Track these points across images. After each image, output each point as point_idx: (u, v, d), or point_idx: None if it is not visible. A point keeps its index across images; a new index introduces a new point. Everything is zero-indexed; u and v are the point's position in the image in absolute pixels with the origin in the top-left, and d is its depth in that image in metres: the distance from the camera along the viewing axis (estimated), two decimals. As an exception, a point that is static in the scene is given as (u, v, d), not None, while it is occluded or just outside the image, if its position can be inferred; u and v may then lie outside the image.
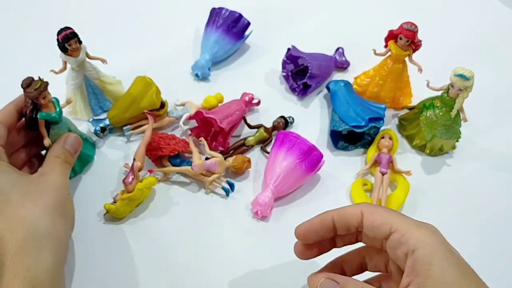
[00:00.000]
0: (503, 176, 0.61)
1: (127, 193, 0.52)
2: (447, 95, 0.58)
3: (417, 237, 0.33)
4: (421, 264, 0.32)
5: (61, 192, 0.45)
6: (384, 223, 0.34)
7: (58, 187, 0.45)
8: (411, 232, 0.33)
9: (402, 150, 0.63)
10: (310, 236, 0.39)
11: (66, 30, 0.55)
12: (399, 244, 0.33)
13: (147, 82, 0.62)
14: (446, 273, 0.31)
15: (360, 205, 0.37)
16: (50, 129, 0.52)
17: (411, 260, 0.32)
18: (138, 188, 0.52)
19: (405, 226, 0.34)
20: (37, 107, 0.50)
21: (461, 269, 0.32)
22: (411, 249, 0.32)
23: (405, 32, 0.59)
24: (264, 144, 0.62)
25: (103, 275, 0.50)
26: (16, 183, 0.43)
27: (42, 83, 0.49)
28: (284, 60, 0.71)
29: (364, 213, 0.36)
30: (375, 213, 0.35)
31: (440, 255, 0.32)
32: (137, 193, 0.52)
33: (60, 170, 0.47)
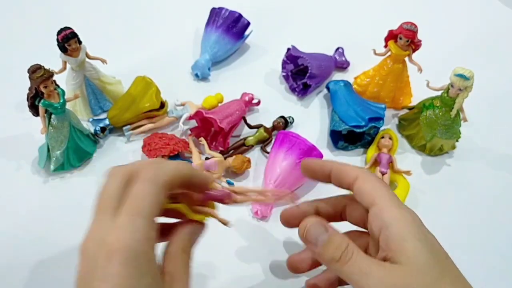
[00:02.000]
0: (503, 176, 0.61)
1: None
2: (447, 95, 0.58)
3: (393, 215, 0.33)
4: (394, 240, 0.32)
5: None
6: (370, 193, 0.35)
7: None
8: (389, 208, 0.33)
9: (402, 150, 0.63)
10: (308, 173, 0.40)
11: (65, 30, 0.55)
12: (375, 218, 0.34)
13: (147, 82, 0.62)
14: (418, 252, 0.31)
15: (358, 169, 0.37)
16: (50, 119, 0.54)
17: (385, 236, 0.33)
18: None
19: (386, 202, 0.34)
20: (39, 95, 0.52)
21: (434, 250, 0.32)
22: (386, 225, 0.33)
23: (405, 32, 0.59)
24: (264, 144, 0.62)
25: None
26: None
27: (45, 72, 0.50)
28: (284, 60, 0.71)
29: (358, 177, 0.36)
30: (368, 181, 0.36)
31: (414, 234, 0.32)
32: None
33: (188, 274, 0.32)
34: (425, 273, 0.31)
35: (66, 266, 0.50)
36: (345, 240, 0.33)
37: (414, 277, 0.30)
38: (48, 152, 0.56)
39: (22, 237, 0.53)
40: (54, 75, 0.52)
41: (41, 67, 0.51)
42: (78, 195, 0.57)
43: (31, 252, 0.51)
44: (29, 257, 0.51)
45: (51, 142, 0.56)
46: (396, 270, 0.31)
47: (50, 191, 0.57)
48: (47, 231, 0.53)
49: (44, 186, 0.57)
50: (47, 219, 0.54)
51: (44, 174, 0.58)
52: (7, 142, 0.62)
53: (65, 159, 0.57)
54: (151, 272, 0.27)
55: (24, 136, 0.62)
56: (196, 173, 0.33)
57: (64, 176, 0.59)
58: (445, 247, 0.53)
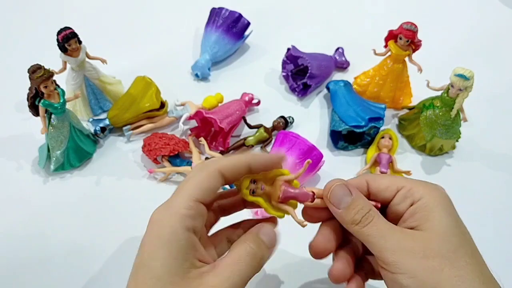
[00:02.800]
0: (503, 176, 0.61)
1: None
2: (447, 95, 0.58)
3: (423, 190, 0.34)
4: (422, 209, 0.33)
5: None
6: (390, 185, 0.35)
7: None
8: (418, 186, 0.34)
9: (402, 150, 0.63)
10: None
11: (65, 30, 0.55)
12: (404, 198, 0.34)
13: (147, 82, 0.62)
14: (443, 221, 0.32)
15: (364, 175, 0.38)
16: (51, 119, 0.54)
17: (413, 208, 0.33)
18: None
19: (412, 182, 0.35)
20: (39, 95, 0.52)
21: (458, 223, 0.33)
22: (417, 199, 0.33)
23: (405, 32, 0.59)
24: (264, 144, 0.62)
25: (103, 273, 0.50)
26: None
27: (45, 72, 0.50)
28: (284, 60, 0.71)
29: (368, 181, 0.36)
30: (379, 178, 0.36)
31: (443, 205, 0.33)
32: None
33: (246, 262, 0.32)
34: (446, 240, 0.31)
35: (66, 266, 0.51)
36: (368, 205, 0.34)
37: (435, 243, 0.31)
38: (48, 152, 0.56)
39: (22, 236, 0.53)
40: (54, 75, 0.52)
41: (41, 67, 0.51)
42: (78, 195, 0.57)
43: (31, 252, 0.51)
44: (29, 256, 0.51)
45: (51, 142, 0.56)
46: (416, 235, 0.32)
47: (50, 191, 0.57)
48: (47, 231, 0.53)
49: (44, 186, 0.57)
50: (47, 219, 0.54)
51: (44, 174, 0.58)
52: (7, 142, 0.62)
53: (65, 159, 0.57)
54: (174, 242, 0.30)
55: (24, 136, 0.62)
56: (256, 159, 0.34)
57: (64, 176, 0.59)
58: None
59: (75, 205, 0.56)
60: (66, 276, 0.50)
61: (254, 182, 0.34)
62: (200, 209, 0.31)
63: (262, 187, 0.34)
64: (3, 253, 0.51)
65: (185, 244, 0.30)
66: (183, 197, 0.31)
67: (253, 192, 0.34)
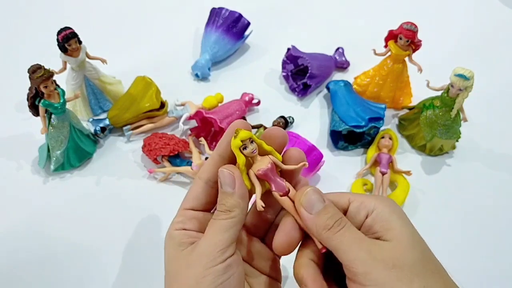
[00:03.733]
0: (503, 176, 0.61)
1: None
2: (447, 95, 0.58)
3: (374, 201, 0.34)
4: (380, 220, 0.32)
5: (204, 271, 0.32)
6: (342, 197, 0.35)
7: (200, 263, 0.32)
8: (368, 198, 0.34)
9: (402, 150, 0.63)
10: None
11: (66, 30, 0.55)
12: (358, 211, 0.34)
13: (147, 82, 0.62)
14: (404, 229, 0.32)
15: (346, 194, 0.37)
16: (51, 119, 0.54)
17: (371, 219, 0.33)
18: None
19: (361, 196, 0.35)
20: (39, 95, 0.52)
21: (414, 230, 0.33)
22: (371, 210, 0.33)
23: (405, 32, 0.59)
24: (264, 144, 0.62)
25: (103, 273, 0.50)
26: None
27: (46, 72, 0.51)
28: (284, 60, 0.71)
29: (351, 202, 0.36)
30: (331, 195, 0.36)
31: (397, 213, 0.33)
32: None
33: (214, 232, 0.33)
34: (412, 250, 0.31)
35: (66, 265, 0.51)
36: (339, 213, 0.34)
37: (402, 253, 0.31)
38: (48, 152, 0.56)
39: (22, 236, 0.53)
40: (54, 75, 0.52)
41: (41, 67, 0.51)
42: (78, 195, 0.57)
43: (31, 252, 0.51)
44: (29, 256, 0.51)
45: (51, 142, 0.56)
46: (385, 245, 0.31)
47: (50, 191, 0.57)
48: (47, 230, 0.53)
49: (44, 186, 0.57)
50: (47, 219, 0.54)
51: (44, 174, 0.58)
52: (7, 142, 0.62)
53: (65, 159, 0.57)
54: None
55: (24, 136, 0.62)
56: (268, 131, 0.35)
57: (64, 176, 0.59)
58: (445, 246, 0.53)
59: (75, 205, 0.56)
60: (66, 276, 0.50)
61: (251, 142, 0.33)
62: (188, 214, 0.35)
63: (254, 151, 0.34)
64: (3, 253, 0.51)
65: (178, 240, 0.34)
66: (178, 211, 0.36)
67: (244, 148, 0.33)
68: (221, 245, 0.32)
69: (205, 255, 0.32)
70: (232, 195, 0.34)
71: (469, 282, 0.50)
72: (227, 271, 0.32)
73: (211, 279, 0.31)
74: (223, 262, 0.32)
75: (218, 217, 0.34)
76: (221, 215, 0.33)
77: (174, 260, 0.34)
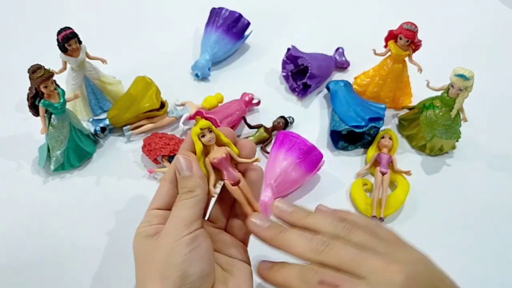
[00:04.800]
0: (503, 176, 0.61)
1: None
2: (447, 95, 0.58)
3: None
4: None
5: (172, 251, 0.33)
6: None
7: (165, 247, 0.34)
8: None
9: (402, 150, 0.63)
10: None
11: (66, 30, 0.55)
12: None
13: (147, 82, 0.62)
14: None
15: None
16: (51, 119, 0.54)
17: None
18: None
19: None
20: (39, 95, 0.52)
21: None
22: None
23: (405, 32, 0.59)
24: (264, 144, 0.62)
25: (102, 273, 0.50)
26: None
27: (45, 72, 0.50)
28: (284, 60, 0.71)
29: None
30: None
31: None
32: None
33: (178, 210, 0.35)
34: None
35: (66, 265, 0.51)
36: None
37: None
38: (48, 152, 0.56)
39: (22, 236, 0.53)
40: (54, 75, 0.52)
41: (41, 67, 0.51)
42: (78, 195, 0.57)
43: (31, 252, 0.51)
44: (30, 256, 0.51)
45: (51, 142, 0.56)
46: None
47: (50, 191, 0.57)
48: (47, 230, 0.53)
49: (44, 186, 0.57)
50: (47, 219, 0.54)
51: (44, 174, 0.58)
52: (7, 142, 0.62)
53: (65, 159, 0.57)
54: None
55: (24, 136, 0.62)
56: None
57: (64, 176, 0.59)
58: (444, 246, 0.53)
59: (75, 205, 0.56)
60: (66, 276, 0.50)
61: (210, 132, 0.37)
62: (154, 213, 0.37)
63: (212, 139, 0.37)
64: (3, 253, 0.51)
65: (145, 233, 0.36)
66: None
67: (202, 136, 0.36)
68: (186, 219, 0.34)
69: (172, 230, 0.34)
70: (191, 177, 0.36)
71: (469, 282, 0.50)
72: (194, 241, 0.33)
73: (179, 249, 0.33)
74: (190, 233, 0.34)
75: (180, 198, 0.35)
76: (183, 196, 0.35)
77: (141, 250, 0.35)
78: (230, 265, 0.38)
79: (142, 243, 0.35)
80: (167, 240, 0.34)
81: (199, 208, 0.35)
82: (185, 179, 0.36)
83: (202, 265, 0.33)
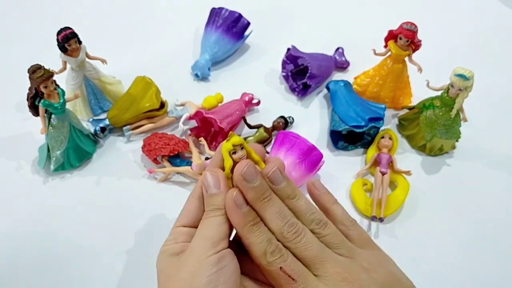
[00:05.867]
0: (503, 176, 0.61)
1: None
2: (447, 95, 0.58)
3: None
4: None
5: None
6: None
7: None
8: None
9: (402, 150, 0.63)
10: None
11: (66, 30, 0.55)
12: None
13: (147, 82, 0.62)
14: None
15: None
16: (51, 119, 0.54)
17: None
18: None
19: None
20: (39, 95, 0.52)
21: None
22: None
23: (405, 32, 0.59)
24: (264, 144, 0.62)
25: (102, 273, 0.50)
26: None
27: (45, 72, 0.50)
28: (284, 60, 0.71)
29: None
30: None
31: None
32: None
33: (205, 227, 0.34)
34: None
35: (66, 265, 0.51)
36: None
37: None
38: (48, 152, 0.57)
39: (22, 236, 0.53)
40: (54, 75, 0.52)
41: (41, 67, 0.51)
42: (78, 195, 0.57)
43: (31, 252, 0.51)
44: (29, 256, 0.51)
45: (51, 142, 0.56)
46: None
47: (50, 191, 0.57)
48: (47, 230, 0.53)
49: (44, 186, 0.57)
50: (47, 219, 0.54)
51: (44, 174, 0.58)
52: (7, 142, 0.62)
53: (65, 159, 0.57)
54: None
55: (24, 136, 0.62)
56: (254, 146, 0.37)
57: (64, 176, 0.59)
58: (444, 246, 0.53)
59: (75, 205, 0.56)
60: (66, 276, 0.50)
61: (242, 149, 0.35)
62: (179, 231, 0.35)
63: (243, 157, 0.35)
64: (3, 253, 0.51)
65: (170, 252, 0.34)
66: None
67: (233, 153, 0.35)
68: (213, 238, 0.32)
69: (197, 248, 0.32)
70: (219, 194, 0.34)
71: (469, 282, 0.51)
72: (220, 261, 0.32)
73: (205, 269, 0.31)
74: (217, 253, 0.32)
75: (208, 216, 0.34)
76: (210, 213, 0.34)
77: (165, 269, 0.33)
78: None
79: (167, 262, 0.34)
80: (191, 258, 0.32)
81: (226, 227, 0.33)
82: (212, 196, 0.34)
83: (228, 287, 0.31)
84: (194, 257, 0.32)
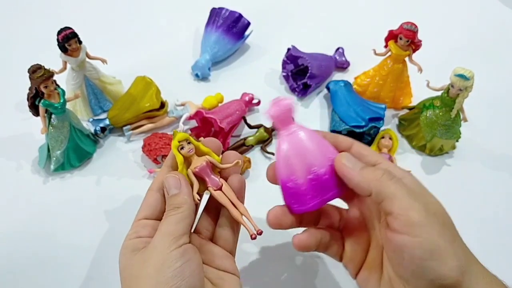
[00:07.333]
0: (503, 176, 0.61)
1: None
2: (447, 95, 0.58)
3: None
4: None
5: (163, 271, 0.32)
6: (371, 154, 0.38)
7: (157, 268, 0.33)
8: (395, 169, 0.38)
9: (402, 150, 0.63)
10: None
11: (66, 30, 0.55)
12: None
13: (147, 82, 0.62)
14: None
15: (351, 138, 0.40)
16: (51, 119, 0.54)
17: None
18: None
19: (388, 163, 0.38)
20: (39, 95, 0.52)
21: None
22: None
23: (405, 32, 0.59)
24: (264, 144, 0.62)
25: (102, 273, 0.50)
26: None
27: (46, 72, 0.50)
28: (284, 60, 0.71)
29: (353, 143, 0.39)
30: (363, 147, 0.39)
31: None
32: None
33: (166, 225, 0.35)
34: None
35: (66, 265, 0.51)
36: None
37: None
38: (48, 152, 0.56)
39: (22, 236, 0.53)
40: (54, 75, 0.52)
41: (41, 67, 0.51)
42: (78, 195, 0.57)
43: (31, 252, 0.51)
44: (29, 256, 0.51)
45: (51, 142, 0.56)
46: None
47: (50, 191, 0.57)
48: (47, 231, 0.53)
49: (44, 186, 0.57)
50: (47, 219, 0.54)
51: (44, 174, 0.58)
52: (7, 142, 0.62)
53: (65, 159, 0.57)
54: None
55: (24, 136, 0.62)
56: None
57: (64, 176, 0.59)
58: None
59: (75, 205, 0.56)
60: (66, 276, 0.50)
61: (188, 143, 0.38)
62: (141, 223, 0.37)
63: (191, 150, 0.38)
64: (3, 253, 0.51)
65: (132, 247, 0.35)
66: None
67: (181, 148, 0.38)
68: (174, 233, 0.34)
69: (160, 244, 0.33)
70: (178, 195, 0.36)
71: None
72: (184, 255, 0.33)
73: (170, 263, 0.32)
74: (179, 247, 0.33)
75: (168, 214, 0.35)
76: (170, 212, 0.36)
77: (129, 265, 0.34)
78: (219, 278, 0.37)
79: (129, 259, 0.34)
80: (155, 254, 0.33)
81: (186, 223, 0.35)
82: (173, 196, 0.36)
83: (194, 281, 0.32)
84: (157, 252, 0.33)
